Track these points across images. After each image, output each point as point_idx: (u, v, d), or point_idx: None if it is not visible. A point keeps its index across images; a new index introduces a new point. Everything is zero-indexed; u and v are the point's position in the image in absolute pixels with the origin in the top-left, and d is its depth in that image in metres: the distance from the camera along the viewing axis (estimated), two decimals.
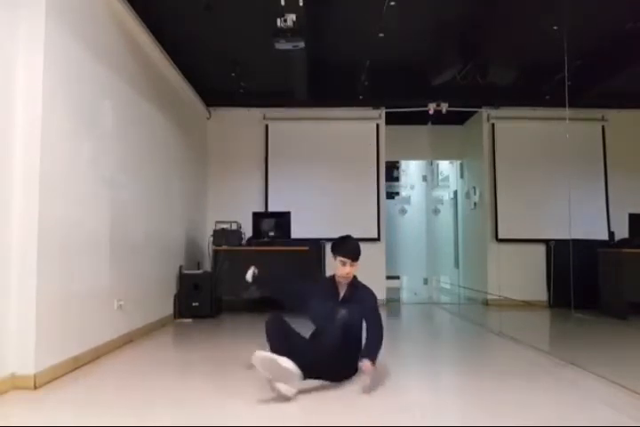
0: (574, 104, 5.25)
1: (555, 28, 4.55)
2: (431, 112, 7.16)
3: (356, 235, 3.30)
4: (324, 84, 6.37)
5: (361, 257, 3.16)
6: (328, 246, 6.61)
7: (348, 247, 3.10)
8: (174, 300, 5.69)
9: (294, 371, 2.57)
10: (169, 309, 5.55)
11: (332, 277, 3.20)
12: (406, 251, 9.91)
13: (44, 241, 2.97)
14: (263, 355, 2.64)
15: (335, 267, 3.11)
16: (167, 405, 2.65)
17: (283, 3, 4.07)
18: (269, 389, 2.66)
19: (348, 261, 3.06)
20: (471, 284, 8.01)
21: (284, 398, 2.58)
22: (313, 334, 3.15)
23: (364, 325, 3.09)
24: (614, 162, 7.35)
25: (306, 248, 5.92)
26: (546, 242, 7.06)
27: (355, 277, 3.18)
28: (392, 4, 4.43)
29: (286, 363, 2.58)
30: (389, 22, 4.75)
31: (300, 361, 2.64)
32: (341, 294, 3.16)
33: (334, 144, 7.34)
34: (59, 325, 3.15)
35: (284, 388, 2.58)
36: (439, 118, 7.44)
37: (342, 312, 2.93)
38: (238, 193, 7.28)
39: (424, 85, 6.04)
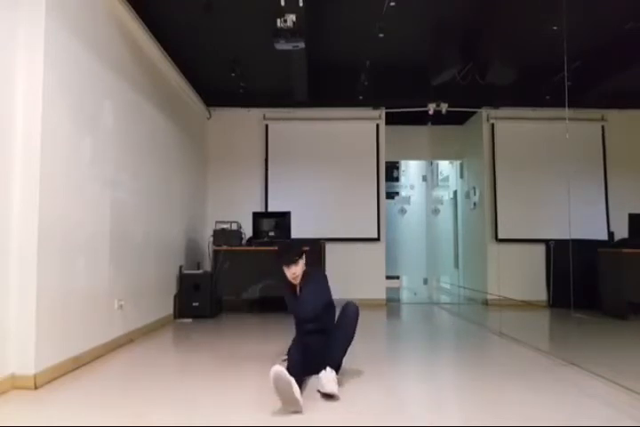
0: (574, 104, 5.26)
1: (555, 28, 4.55)
2: (431, 112, 7.16)
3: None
4: (324, 84, 6.37)
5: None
6: (328, 246, 6.65)
7: (282, 258, 3.25)
8: (174, 300, 5.70)
9: (300, 402, 2.49)
10: (169, 309, 5.55)
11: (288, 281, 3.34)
12: (406, 251, 9.91)
13: (44, 241, 2.98)
14: (282, 375, 2.50)
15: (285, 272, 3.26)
16: (167, 405, 2.65)
17: (283, 3, 4.08)
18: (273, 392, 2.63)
19: (290, 267, 3.21)
20: (471, 284, 8.01)
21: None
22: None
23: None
24: (614, 162, 7.36)
25: (306, 248, 5.90)
26: (546, 242, 7.06)
27: (305, 270, 3.28)
28: (392, 4, 4.44)
29: (297, 394, 2.48)
30: (389, 22, 4.75)
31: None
32: (298, 291, 3.29)
33: (334, 144, 7.34)
34: (59, 325, 3.16)
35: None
36: (439, 118, 7.44)
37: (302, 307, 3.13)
38: (238, 193, 7.28)
39: (424, 85, 6.04)
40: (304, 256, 3.30)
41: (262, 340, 4.62)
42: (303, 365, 2.87)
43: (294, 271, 3.22)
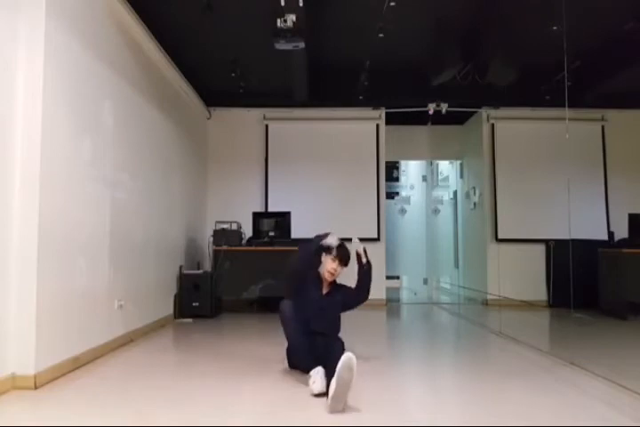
0: (574, 104, 5.26)
1: (554, 28, 4.55)
2: (431, 112, 7.16)
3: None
4: (324, 85, 6.37)
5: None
6: None
7: (347, 254, 3.40)
8: (174, 300, 5.69)
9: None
10: (169, 309, 5.55)
11: (318, 273, 3.42)
12: (406, 251, 9.91)
13: (44, 241, 2.97)
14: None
15: (325, 263, 3.35)
16: (167, 405, 2.65)
17: (283, 3, 4.07)
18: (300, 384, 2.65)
19: (338, 262, 3.33)
20: (471, 284, 8.01)
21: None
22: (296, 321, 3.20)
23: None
24: (614, 162, 7.36)
25: None
26: (546, 242, 7.06)
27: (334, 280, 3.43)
28: (392, 4, 4.43)
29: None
30: (389, 22, 4.75)
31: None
32: (324, 290, 3.39)
33: (334, 144, 7.34)
34: (59, 325, 3.15)
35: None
36: (439, 118, 7.44)
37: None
38: (238, 193, 7.28)
39: (424, 85, 6.04)
40: None
41: (262, 340, 4.62)
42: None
43: (338, 271, 3.33)
